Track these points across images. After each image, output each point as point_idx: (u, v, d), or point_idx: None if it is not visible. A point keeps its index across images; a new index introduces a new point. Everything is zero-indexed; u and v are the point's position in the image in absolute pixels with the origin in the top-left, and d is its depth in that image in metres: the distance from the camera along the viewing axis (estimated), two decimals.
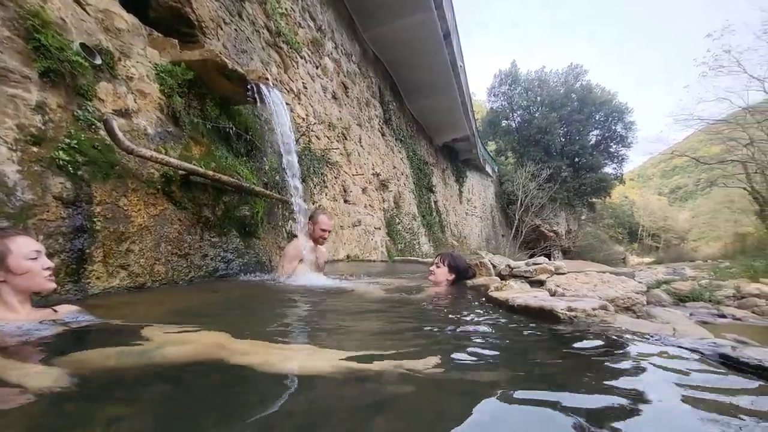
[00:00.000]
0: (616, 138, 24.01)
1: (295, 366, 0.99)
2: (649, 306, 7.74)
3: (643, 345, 1.17)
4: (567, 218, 24.23)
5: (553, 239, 20.59)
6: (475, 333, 1.39)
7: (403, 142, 10.84)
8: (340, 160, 6.28)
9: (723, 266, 13.42)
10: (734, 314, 6.94)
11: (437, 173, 14.56)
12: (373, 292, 2.46)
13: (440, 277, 2.64)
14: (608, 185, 24.85)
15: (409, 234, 8.90)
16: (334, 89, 6.78)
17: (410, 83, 10.94)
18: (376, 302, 2.17)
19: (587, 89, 23.70)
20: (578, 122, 22.78)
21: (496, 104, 24.67)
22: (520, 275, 7.81)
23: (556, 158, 22.16)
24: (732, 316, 6.84)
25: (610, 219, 38.15)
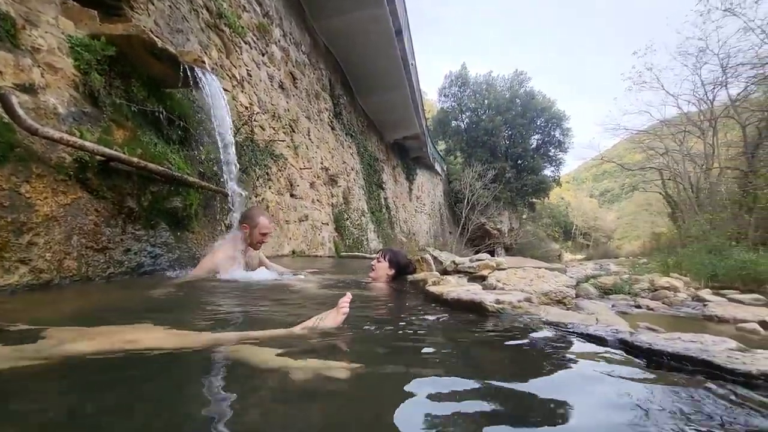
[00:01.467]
0: (555, 143, 25.90)
1: (220, 357, 0.96)
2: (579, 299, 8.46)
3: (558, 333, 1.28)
4: (510, 217, 25.71)
5: (496, 237, 21.74)
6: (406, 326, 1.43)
7: (354, 138, 10.81)
8: (286, 153, 6.12)
9: (641, 262, 15.00)
10: (648, 305, 7.82)
11: (388, 170, 14.72)
12: (311, 287, 2.45)
13: (381, 273, 2.68)
14: (547, 187, 26.73)
15: (357, 230, 8.92)
16: (282, 79, 6.58)
17: (362, 78, 10.92)
18: (313, 297, 2.16)
19: (530, 95, 25.24)
20: (521, 126, 24.23)
21: (446, 104, 25.47)
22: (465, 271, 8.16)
23: (500, 159, 23.39)
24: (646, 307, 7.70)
25: (548, 218, 41.14)
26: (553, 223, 42.53)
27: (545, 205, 35.99)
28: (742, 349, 0.83)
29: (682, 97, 23.38)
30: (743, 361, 0.72)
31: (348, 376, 0.86)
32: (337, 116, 9.58)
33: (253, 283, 2.50)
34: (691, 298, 8.46)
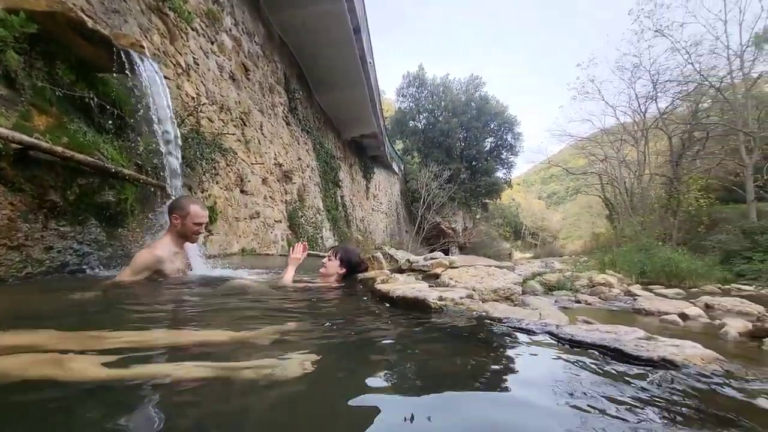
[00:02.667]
0: (507, 146, 27.19)
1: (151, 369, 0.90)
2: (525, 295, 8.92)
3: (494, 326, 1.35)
4: (464, 217, 26.63)
5: (451, 236, 22.42)
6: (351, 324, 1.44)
7: (310, 134, 10.63)
8: (236, 147, 5.88)
9: (582, 261, 16.15)
10: (586, 300, 8.46)
11: (345, 168, 14.64)
12: (258, 286, 2.38)
13: (331, 271, 2.66)
14: (499, 188, 28.00)
15: (312, 228, 8.79)
16: (233, 70, 6.31)
17: (319, 74, 10.77)
18: (259, 296, 2.10)
19: (485, 100, 26.28)
20: (476, 129, 25.18)
21: (404, 104, 25.83)
22: (419, 269, 8.31)
23: (456, 161, 24.15)
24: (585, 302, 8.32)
25: (500, 219, 43.15)
26: (504, 223, 44.69)
27: (497, 205, 37.72)
28: (648, 338, 0.94)
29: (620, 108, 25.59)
30: (647, 348, 0.82)
31: (296, 375, 0.85)
32: (293, 111, 9.37)
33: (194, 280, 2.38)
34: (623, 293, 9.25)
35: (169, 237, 2.42)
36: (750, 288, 9.61)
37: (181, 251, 2.49)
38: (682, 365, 0.75)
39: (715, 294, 8.50)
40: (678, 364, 0.75)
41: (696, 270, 10.71)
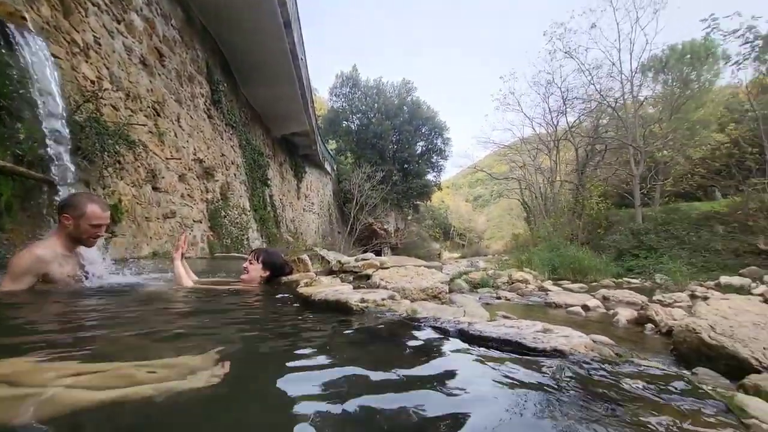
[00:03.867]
0: (437, 150, 28.46)
1: None
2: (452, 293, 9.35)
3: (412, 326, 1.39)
4: (396, 218, 27.27)
5: (383, 237, 22.82)
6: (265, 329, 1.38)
7: (236, 129, 10.06)
8: (147, 140, 5.34)
9: (503, 260, 17.49)
10: (506, 296, 9.16)
11: (274, 166, 14.11)
12: (171, 292, 2.18)
13: (254, 275, 2.54)
14: (430, 190, 29.20)
15: (237, 228, 8.31)
16: (145, 54, 5.72)
17: (246, 67, 10.24)
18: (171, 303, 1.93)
19: (417, 104, 27.22)
20: (408, 132, 25.96)
21: (337, 104, 25.71)
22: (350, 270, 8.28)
23: (389, 162, 24.65)
24: (504, 298, 9.00)
25: (431, 220, 44.98)
26: (434, 224, 46.68)
27: (428, 207, 39.28)
28: (545, 330, 1.04)
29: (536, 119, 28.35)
30: (542, 341, 0.91)
31: (201, 386, 0.78)
32: (216, 104, 8.78)
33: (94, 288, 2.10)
34: (537, 288, 10.22)
35: (55, 238, 2.07)
36: (637, 281, 11.23)
37: (72, 255, 2.15)
38: (569, 354, 0.85)
39: (610, 287, 9.80)
40: (566, 353, 0.85)
41: (596, 266, 12.22)
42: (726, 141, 16.88)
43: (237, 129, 10.18)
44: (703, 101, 19.36)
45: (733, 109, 18.67)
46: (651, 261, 12.63)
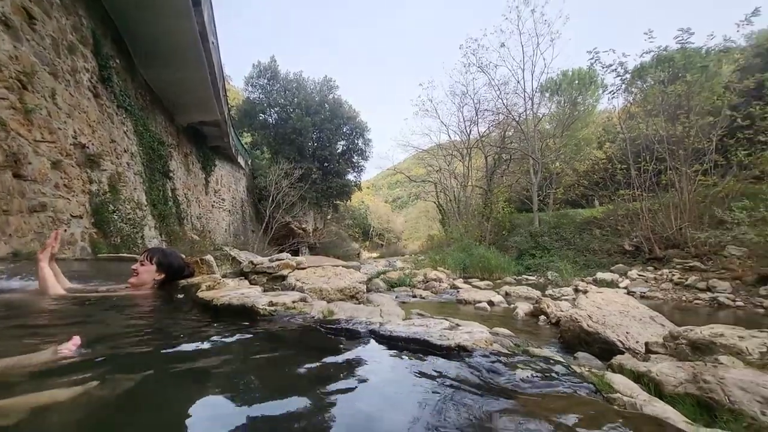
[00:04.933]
0: (358, 150, 28.64)
1: None
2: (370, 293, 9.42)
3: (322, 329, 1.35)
4: (315, 217, 26.78)
5: (301, 236, 22.22)
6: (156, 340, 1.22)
7: (130, 113, 8.89)
8: (8, 117, 4.43)
9: (420, 259, 18.28)
10: (421, 294, 9.59)
11: (178, 157, 12.81)
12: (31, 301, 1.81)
13: (146, 278, 2.24)
14: (350, 190, 29.24)
15: (129, 226, 7.35)
16: (8, 12, 4.74)
17: (146, 44, 9.12)
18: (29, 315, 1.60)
19: (338, 103, 27.06)
20: (329, 130, 25.67)
21: (253, 95, 24.31)
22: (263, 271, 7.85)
23: (308, 160, 24.07)
24: (420, 296, 9.41)
25: (350, 220, 45.12)
26: (354, 224, 46.96)
27: (348, 207, 39.35)
28: (452, 327, 1.09)
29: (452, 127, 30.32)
30: (448, 338, 0.95)
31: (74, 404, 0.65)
32: (105, 82, 7.66)
33: None
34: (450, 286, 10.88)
35: None
36: (533, 278, 12.63)
37: None
38: (472, 349, 0.90)
39: (512, 284, 10.88)
40: (469, 349, 0.90)
41: (501, 265, 13.46)
42: (603, 157, 19.91)
43: (132, 113, 9.00)
44: (587, 122, 22.70)
45: (609, 131, 22.17)
46: (545, 260, 14.32)
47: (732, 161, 11.94)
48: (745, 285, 8.44)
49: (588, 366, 3.16)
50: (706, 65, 13.04)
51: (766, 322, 6.38)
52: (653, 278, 10.48)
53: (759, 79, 12.97)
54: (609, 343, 3.94)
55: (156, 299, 2.04)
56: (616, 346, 3.89)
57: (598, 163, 19.74)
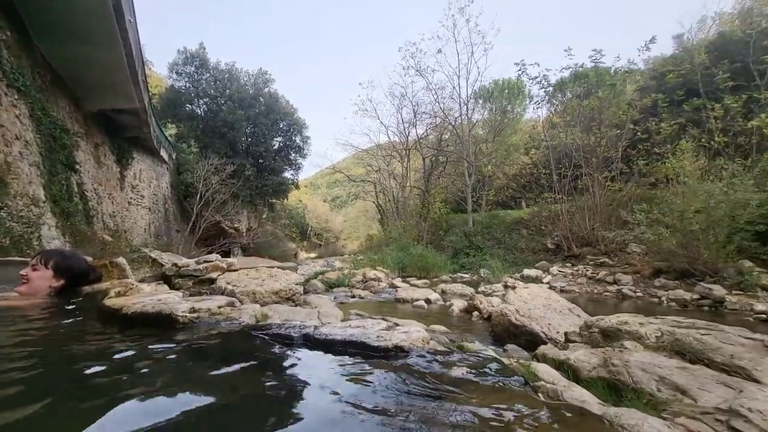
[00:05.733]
0: (295, 148, 27.83)
1: None
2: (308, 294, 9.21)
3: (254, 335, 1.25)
4: (249, 216, 25.55)
5: (233, 236, 21.06)
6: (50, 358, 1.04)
7: (25, 94, 7.71)
8: None
9: (359, 259, 18.31)
10: (360, 294, 9.59)
11: (87, 148, 11.42)
12: None
13: (38, 284, 1.93)
14: (287, 189, 28.31)
15: (22, 225, 6.37)
16: None
17: (45, 15, 7.98)
18: None
19: (274, 97, 26.07)
20: (264, 126, 24.61)
21: (179, 83, 22.45)
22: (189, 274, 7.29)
23: (241, 156, 22.85)
24: (359, 296, 9.41)
25: (287, 219, 43.79)
26: (291, 223, 45.67)
27: (285, 206, 38.14)
28: (389, 328, 1.08)
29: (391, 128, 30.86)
30: (385, 338, 0.94)
31: None
32: None
33: None
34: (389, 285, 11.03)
35: None
36: (467, 276, 13.29)
37: None
38: (409, 349, 0.89)
39: (448, 282, 11.34)
40: (406, 349, 0.89)
41: (437, 264, 13.96)
42: (529, 162, 21.61)
43: (27, 94, 7.82)
44: (516, 129, 24.48)
45: (534, 138, 24.12)
46: (478, 258, 15.15)
47: (634, 169, 13.71)
48: (643, 278, 9.67)
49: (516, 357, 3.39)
50: (614, 83, 14.77)
51: (659, 310, 7.37)
52: (571, 274, 11.59)
53: (654, 99, 15.08)
54: (534, 335, 4.26)
55: (50, 309, 1.75)
56: (540, 337, 4.21)
57: (525, 167, 21.39)
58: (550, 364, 2.85)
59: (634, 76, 17.34)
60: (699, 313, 6.81)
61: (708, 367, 2.54)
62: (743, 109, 12.51)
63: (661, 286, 8.85)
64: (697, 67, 14.77)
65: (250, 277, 6.99)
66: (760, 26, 14.28)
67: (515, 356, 3.27)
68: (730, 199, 8.05)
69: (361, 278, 11.67)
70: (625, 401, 2.12)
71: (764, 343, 2.82)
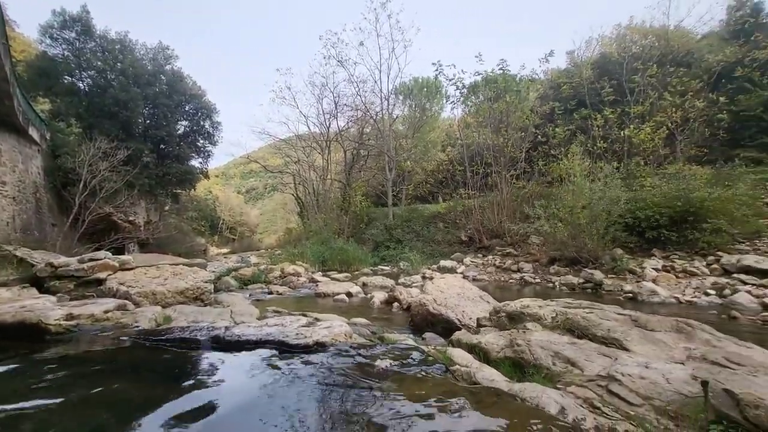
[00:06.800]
0: (204, 133, 25.54)
1: None
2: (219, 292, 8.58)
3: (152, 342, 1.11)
4: (148, 208, 22.88)
5: (129, 231, 18.69)
6: None
7: None
8: None
9: (277, 254, 17.63)
10: (278, 290, 9.24)
11: None
12: None
13: None
14: (194, 178, 25.87)
15: None
16: None
17: None
18: None
19: (179, 76, 23.59)
20: (166, 107, 22.13)
21: (55, 51, 18.97)
22: (70, 275, 6.31)
23: (138, 139, 20.25)
24: (276, 292, 9.06)
25: (195, 212, 40.24)
26: (199, 216, 42.10)
27: (192, 197, 34.96)
28: (310, 324, 1.04)
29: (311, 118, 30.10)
30: (305, 335, 0.90)
31: None
32: None
33: None
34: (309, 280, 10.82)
35: None
36: (388, 268, 13.65)
37: None
38: (331, 344, 0.87)
39: (369, 275, 11.52)
40: (328, 345, 0.86)
41: (359, 257, 14.10)
42: (446, 159, 22.86)
43: None
44: (434, 126, 25.68)
45: (450, 136, 25.57)
46: (398, 251, 15.65)
47: (535, 169, 15.39)
48: (541, 266, 10.92)
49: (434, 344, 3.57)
50: (519, 90, 16.31)
51: (554, 293, 8.39)
52: (482, 263, 12.60)
53: (552, 106, 17.13)
54: (450, 322, 4.53)
55: None
56: (455, 323, 4.49)
57: (442, 164, 22.59)
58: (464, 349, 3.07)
59: (536, 84, 19.39)
60: (584, 295, 7.92)
61: (591, 341, 2.96)
62: (618, 121, 14.77)
63: (555, 273, 10.09)
64: (585, 81, 17.00)
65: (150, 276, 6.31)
66: (631, 51, 16.99)
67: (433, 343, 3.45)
68: (607, 196, 9.46)
69: (280, 274, 11.31)
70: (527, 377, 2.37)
71: (631, 318, 3.37)
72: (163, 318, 2.39)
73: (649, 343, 2.80)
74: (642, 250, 9.58)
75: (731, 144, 14.22)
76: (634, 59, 16.24)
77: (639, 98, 15.16)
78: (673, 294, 7.36)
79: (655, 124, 13.71)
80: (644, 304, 6.88)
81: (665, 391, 2.09)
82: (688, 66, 15.95)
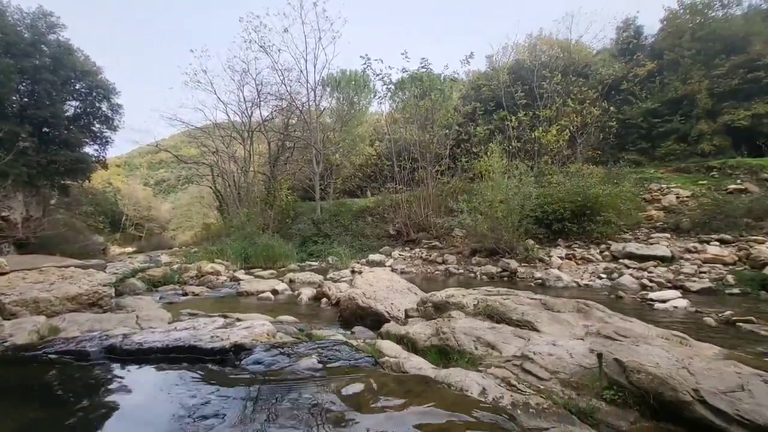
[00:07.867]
0: (101, 117, 22.39)
1: None
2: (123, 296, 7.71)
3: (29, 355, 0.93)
4: (27, 202, 19.54)
5: (2, 229, 15.90)
6: None
7: None
8: None
9: (192, 251, 16.33)
10: (194, 291, 8.54)
11: None
12: None
13: None
14: (88, 168, 22.56)
15: None
16: None
17: None
18: None
19: (66, 49, 20.35)
20: (50, 84, 18.99)
21: None
22: None
23: (11, 121, 17.07)
24: (192, 293, 8.38)
25: (90, 206, 35.38)
26: (97, 212, 37.15)
27: (86, 189, 30.64)
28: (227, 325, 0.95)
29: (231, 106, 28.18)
30: (222, 338, 0.82)
31: None
32: None
33: None
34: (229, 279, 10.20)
35: None
36: (316, 264, 13.43)
37: None
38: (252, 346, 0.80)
39: (296, 271, 11.21)
40: (248, 346, 0.80)
41: (285, 253, 13.64)
42: (374, 154, 23.08)
43: None
44: (362, 121, 25.74)
45: (378, 131, 25.86)
46: (326, 246, 15.47)
47: (458, 165, 16.28)
48: (464, 257, 11.61)
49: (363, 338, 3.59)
50: (442, 89, 17.07)
51: (475, 282, 8.97)
52: (409, 256, 13.00)
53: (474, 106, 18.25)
54: (379, 315, 4.59)
55: None
56: (384, 316, 4.56)
57: (371, 158, 22.76)
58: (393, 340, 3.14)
59: (458, 84, 20.44)
60: (502, 283, 8.61)
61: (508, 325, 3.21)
62: (530, 123, 16.27)
63: (477, 263, 10.80)
64: (502, 85, 18.36)
65: (30, 281, 5.49)
66: (540, 59, 18.78)
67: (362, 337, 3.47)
68: (521, 192, 10.37)
69: (196, 273, 10.52)
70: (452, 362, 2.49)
71: (541, 301, 3.72)
72: (49, 329, 2.06)
73: (556, 323, 3.12)
74: (549, 241, 10.72)
75: (619, 147, 16.76)
76: (543, 67, 17.95)
77: (547, 103, 16.78)
78: (574, 279, 8.35)
79: (560, 127, 15.32)
80: (551, 289, 7.70)
81: (569, 365, 2.34)
82: (586, 77, 18.11)
